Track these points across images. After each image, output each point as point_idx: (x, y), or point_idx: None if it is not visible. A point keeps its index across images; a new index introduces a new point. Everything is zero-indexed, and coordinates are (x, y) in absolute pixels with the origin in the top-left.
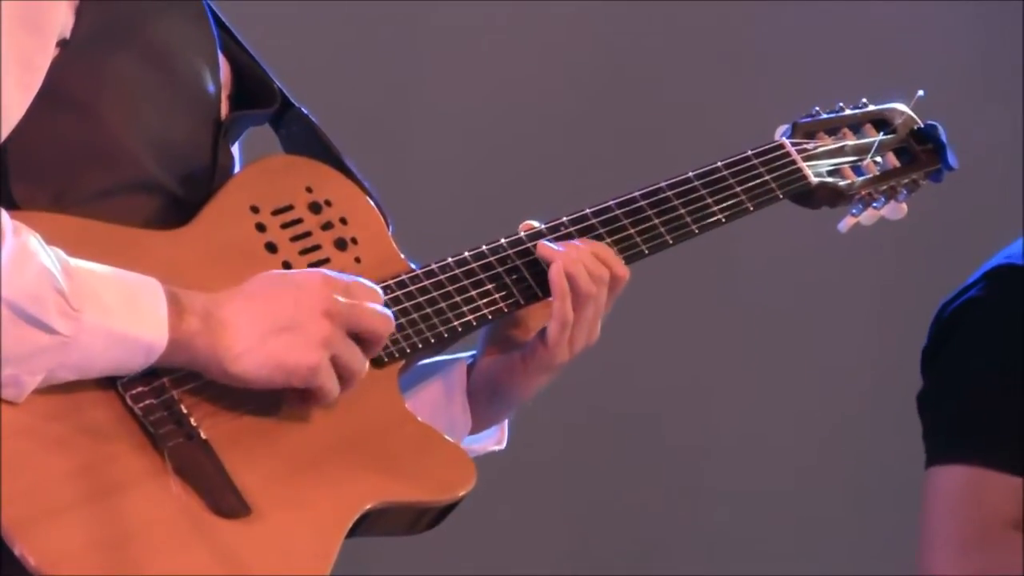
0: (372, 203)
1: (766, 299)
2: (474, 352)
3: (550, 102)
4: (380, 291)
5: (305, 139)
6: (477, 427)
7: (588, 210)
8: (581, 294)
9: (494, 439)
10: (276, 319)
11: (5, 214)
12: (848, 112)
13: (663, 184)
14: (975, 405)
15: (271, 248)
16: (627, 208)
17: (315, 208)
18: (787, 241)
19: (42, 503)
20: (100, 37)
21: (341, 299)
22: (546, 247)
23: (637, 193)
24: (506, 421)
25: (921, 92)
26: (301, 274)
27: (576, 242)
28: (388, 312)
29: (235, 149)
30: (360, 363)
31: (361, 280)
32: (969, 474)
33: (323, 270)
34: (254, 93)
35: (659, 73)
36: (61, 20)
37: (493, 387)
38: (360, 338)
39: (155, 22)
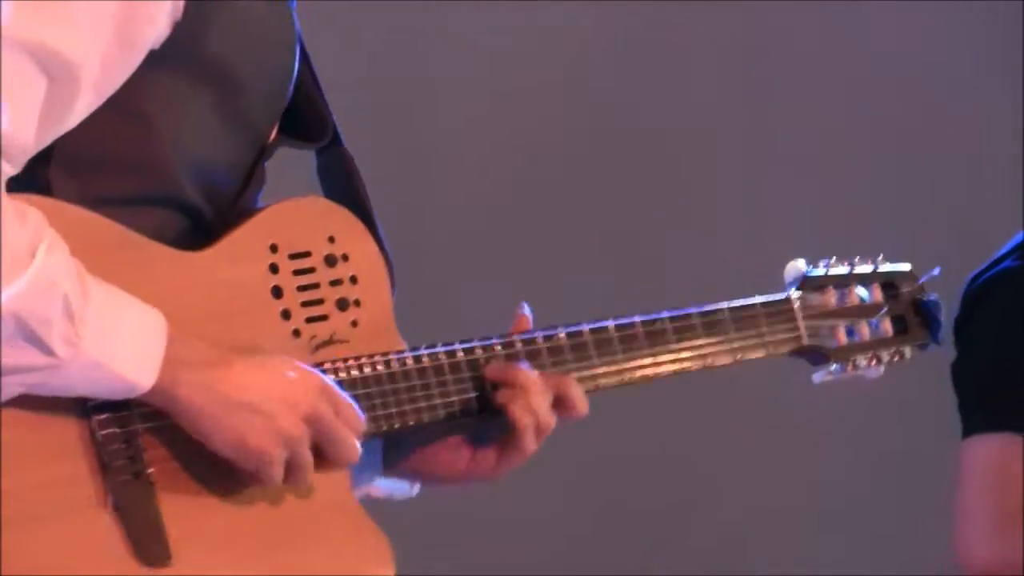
0: (386, 269)
1: None
2: None
3: (560, 107)
4: (364, 423)
5: (340, 180)
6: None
7: (586, 326)
8: (542, 428)
9: (406, 490)
10: (259, 398)
11: (43, 222)
12: (860, 268)
13: (664, 315)
14: (1008, 373)
15: (276, 292)
16: (624, 333)
17: (331, 261)
18: None
19: None
20: (186, 59)
21: (327, 413)
22: (504, 395)
23: (637, 319)
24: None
25: (936, 271)
26: (307, 372)
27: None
28: (358, 447)
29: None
30: (309, 473)
31: (355, 407)
32: (1003, 443)
33: (327, 377)
34: (306, 121)
35: (667, 75)
36: (156, 36)
37: (422, 467)
38: (322, 454)
39: (242, 52)
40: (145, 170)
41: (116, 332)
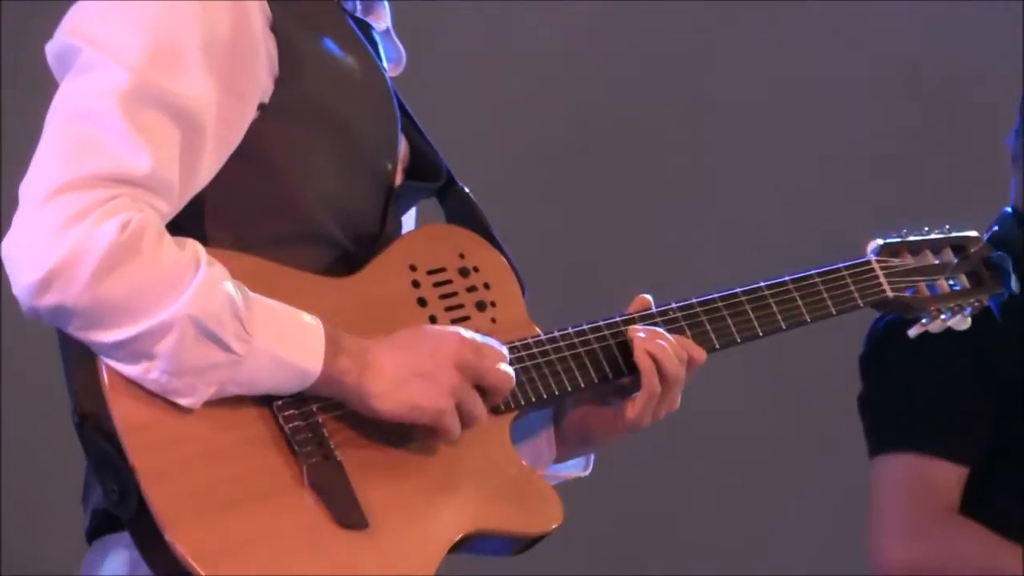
0: (513, 273)
1: None
2: None
3: (567, 105)
4: (507, 352)
5: (463, 211)
6: (562, 459)
7: (694, 299)
8: (666, 372)
9: (579, 467)
10: (415, 367)
11: (201, 247)
12: (931, 236)
13: (762, 284)
14: (917, 401)
15: (421, 303)
16: (729, 302)
17: (464, 272)
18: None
19: (200, 502)
20: (297, 110)
21: (471, 355)
22: (635, 331)
23: (739, 290)
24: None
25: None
26: (441, 331)
27: (662, 330)
28: (511, 371)
29: (409, 216)
30: (480, 410)
31: (491, 341)
32: (915, 461)
33: (460, 329)
34: (424, 169)
35: (670, 73)
36: (262, 87)
37: (584, 432)
38: (484, 390)
39: (346, 103)
40: (285, 211)
41: (280, 329)
